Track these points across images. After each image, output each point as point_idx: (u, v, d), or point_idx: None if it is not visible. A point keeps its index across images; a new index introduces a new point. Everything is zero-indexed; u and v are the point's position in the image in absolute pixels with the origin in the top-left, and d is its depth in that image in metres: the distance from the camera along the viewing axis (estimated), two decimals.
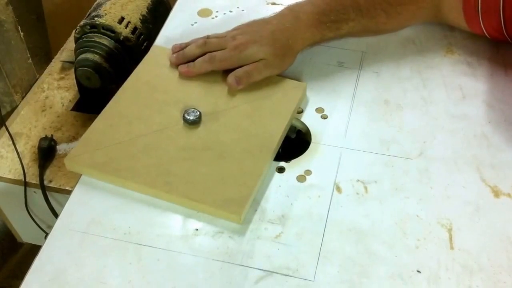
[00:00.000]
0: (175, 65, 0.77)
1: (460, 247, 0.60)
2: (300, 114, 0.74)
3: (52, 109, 1.10)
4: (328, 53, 0.83)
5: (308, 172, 0.67)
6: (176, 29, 0.88)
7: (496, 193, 0.65)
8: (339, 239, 0.61)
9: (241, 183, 0.64)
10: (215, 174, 0.65)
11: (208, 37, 0.78)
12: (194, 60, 0.76)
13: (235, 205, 0.62)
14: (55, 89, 1.14)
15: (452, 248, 0.60)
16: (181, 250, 0.60)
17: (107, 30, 1.02)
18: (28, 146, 1.03)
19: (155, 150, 0.67)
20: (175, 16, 0.92)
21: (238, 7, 0.92)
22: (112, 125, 0.70)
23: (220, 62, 0.74)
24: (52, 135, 1.03)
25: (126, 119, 0.71)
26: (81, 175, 0.67)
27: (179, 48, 0.78)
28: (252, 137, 0.69)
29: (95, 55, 1.01)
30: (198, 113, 0.70)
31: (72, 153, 0.68)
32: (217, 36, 0.77)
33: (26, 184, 0.98)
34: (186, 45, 0.78)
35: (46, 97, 1.12)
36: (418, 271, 0.58)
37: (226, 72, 0.75)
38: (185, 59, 0.77)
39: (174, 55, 0.78)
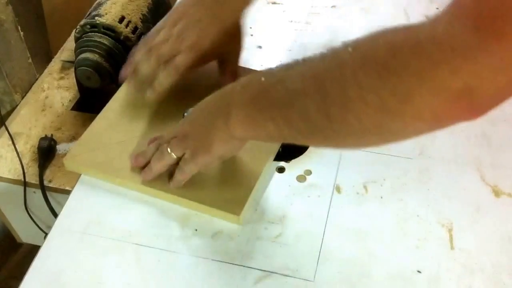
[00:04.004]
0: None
1: (461, 247, 0.60)
2: None
3: (52, 109, 1.10)
4: None
5: (308, 172, 0.67)
6: None
7: (497, 193, 0.65)
8: (339, 239, 0.61)
9: (240, 184, 0.63)
10: (214, 175, 0.65)
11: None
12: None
13: (234, 205, 0.62)
14: (55, 89, 1.14)
15: (452, 248, 0.60)
16: (181, 251, 0.60)
17: (108, 30, 1.02)
18: (28, 146, 1.03)
19: None
20: None
21: None
22: (112, 125, 0.70)
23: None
24: (52, 135, 1.02)
25: (125, 118, 0.71)
26: (80, 175, 0.67)
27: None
28: None
29: (95, 55, 1.00)
30: None
31: (71, 153, 0.67)
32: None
33: (25, 184, 0.98)
34: None
35: (46, 97, 1.12)
36: (419, 271, 0.58)
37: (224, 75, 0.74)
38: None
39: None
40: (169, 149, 0.61)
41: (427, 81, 0.41)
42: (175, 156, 0.61)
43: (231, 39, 0.73)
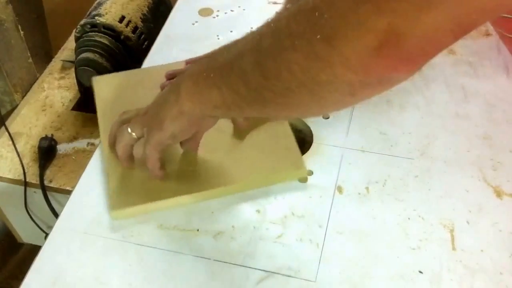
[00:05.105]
0: None
1: (462, 248, 0.60)
2: None
3: (52, 109, 1.10)
4: None
5: (309, 172, 0.67)
6: (177, 28, 0.88)
7: (499, 194, 0.65)
8: (341, 239, 0.60)
9: (158, 190, 0.63)
10: (171, 171, 0.64)
11: None
12: None
13: (123, 201, 0.62)
14: (56, 89, 1.14)
15: (454, 249, 0.60)
16: (182, 251, 0.60)
17: (108, 29, 1.02)
18: (28, 145, 1.03)
19: None
20: (176, 15, 0.92)
21: (239, 6, 0.92)
22: (137, 82, 0.75)
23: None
24: (52, 135, 1.02)
25: (151, 84, 0.73)
26: (81, 175, 0.67)
27: None
28: (228, 167, 0.66)
29: (96, 54, 1.00)
30: None
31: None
32: None
33: (26, 184, 0.98)
34: None
35: (47, 97, 1.12)
36: (420, 272, 0.58)
37: None
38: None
39: None
40: (129, 129, 0.61)
41: (351, 21, 0.39)
42: (135, 136, 0.61)
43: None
